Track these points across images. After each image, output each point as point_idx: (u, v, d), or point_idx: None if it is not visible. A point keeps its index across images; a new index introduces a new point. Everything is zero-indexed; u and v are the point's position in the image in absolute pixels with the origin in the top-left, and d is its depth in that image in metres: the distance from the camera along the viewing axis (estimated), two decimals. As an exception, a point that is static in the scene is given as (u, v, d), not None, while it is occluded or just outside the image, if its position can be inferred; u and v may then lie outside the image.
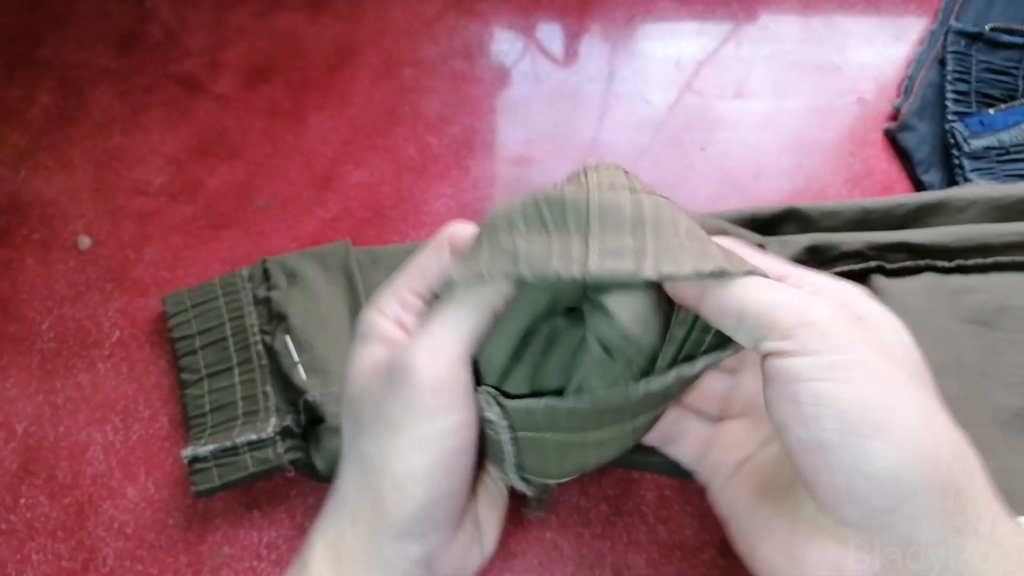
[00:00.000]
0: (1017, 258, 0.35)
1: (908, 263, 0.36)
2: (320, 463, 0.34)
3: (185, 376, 0.37)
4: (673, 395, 0.24)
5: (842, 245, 0.36)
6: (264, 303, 0.38)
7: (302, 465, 0.35)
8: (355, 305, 0.37)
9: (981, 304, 0.34)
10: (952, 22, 0.45)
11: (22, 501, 0.36)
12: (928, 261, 0.36)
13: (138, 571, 0.35)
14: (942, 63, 0.45)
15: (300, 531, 0.36)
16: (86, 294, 0.40)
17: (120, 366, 0.38)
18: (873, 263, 0.36)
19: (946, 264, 0.35)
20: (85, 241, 0.41)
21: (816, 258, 0.36)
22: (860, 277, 0.36)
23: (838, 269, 0.36)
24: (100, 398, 0.38)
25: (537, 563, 0.35)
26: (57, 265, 0.40)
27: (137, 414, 0.37)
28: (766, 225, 0.38)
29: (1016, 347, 0.34)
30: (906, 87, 0.46)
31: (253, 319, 0.37)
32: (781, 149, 0.45)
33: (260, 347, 0.37)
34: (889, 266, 0.36)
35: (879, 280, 0.36)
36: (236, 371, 0.37)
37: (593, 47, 0.48)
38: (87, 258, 0.40)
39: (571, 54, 0.48)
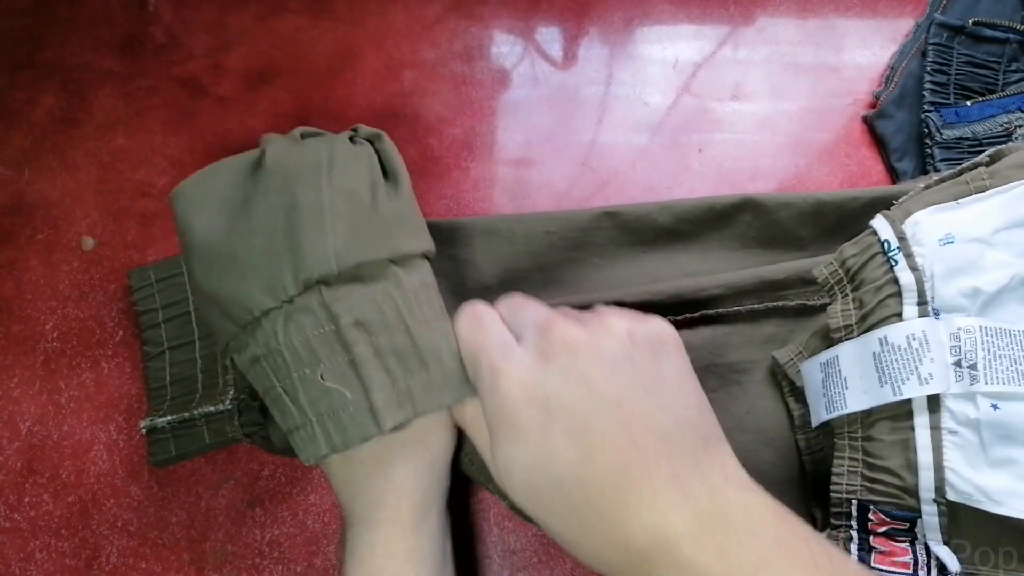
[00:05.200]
0: (720, 310, 0.36)
1: None
2: (275, 436, 0.35)
3: (147, 349, 0.38)
4: None
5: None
6: None
7: (258, 438, 0.35)
8: None
9: (692, 360, 0.35)
10: (937, 15, 0.46)
11: (26, 499, 0.36)
12: None
13: (141, 569, 0.35)
14: (924, 54, 0.45)
15: (302, 528, 0.36)
16: (90, 294, 0.40)
17: (124, 365, 0.39)
18: None
19: None
20: (89, 242, 0.41)
21: None
22: None
23: None
24: (104, 397, 0.38)
25: (536, 560, 0.36)
26: (61, 266, 0.41)
27: (140, 413, 0.38)
28: (724, 215, 0.39)
29: (716, 407, 0.35)
30: (887, 76, 0.46)
31: None
32: (778, 151, 0.45)
33: None
34: None
35: None
36: (197, 345, 0.37)
37: (592, 50, 0.48)
38: (91, 259, 0.41)
39: (570, 57, 0.48)
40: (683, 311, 0.36)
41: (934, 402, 0.27)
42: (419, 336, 0.28)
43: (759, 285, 0.36)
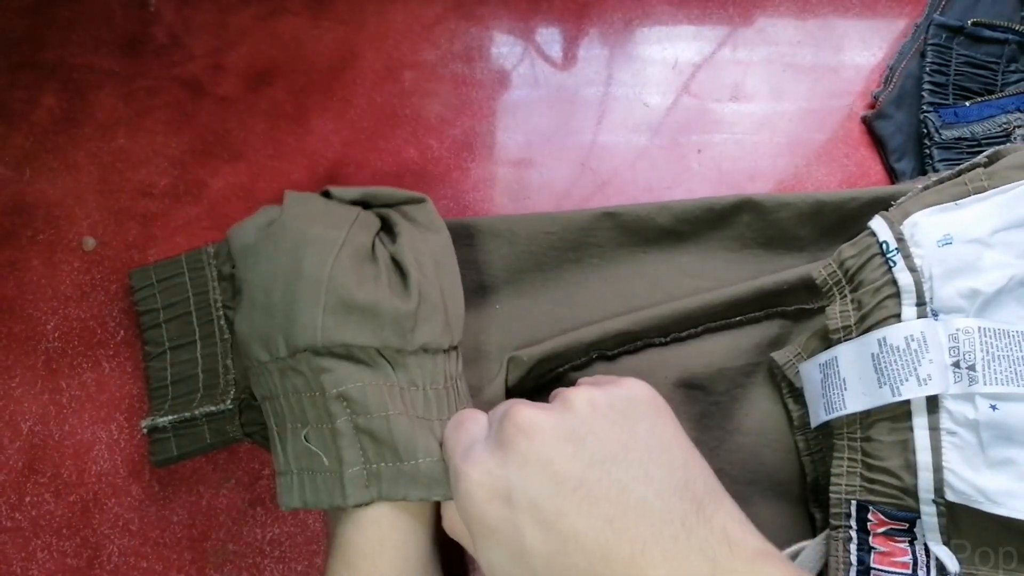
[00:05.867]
0: (722, 321, 0.37)
1: (627, 346, 0.37)
2: None
3: (148, 349, 0.38)
4: None
5: (567, 353, 0.36)
6: (228, 279, 0.38)
7: (259, 438, 0.36)
8: None
9: (702, 368, 0.36)
10: (936, 16, 0.46)
11: (27, 499, 0.36)
12: (645, 340, 0.37)
13: (142, 568, 0.35)
14: (923, 55, 0.45)
15: (303, 528, 0.36)
16: (91, 294, 0.40)
17: (125, 365, 0.39)
18: (594, 353, 0.37)
19: (663, 339, 0.37)
20: (90, 242, 0.41)
21: (549, 367, 0.36)
22: (586, 365, 0.37)
23: (562, 369, 0.37)
24: (105, 397, 0.38)
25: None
26: (62, 266, 0.41)
27: (141, 413, 0.38)
28: (723, 215, 0.39)
29: (721, 409, 0.36)
30: (886, 77, 0.46)
31: (217, 294, 0.38)
32: (777, 151, 0.45)
33: (223, 322, 0.38)
34: (610, 352, 0.37)
35: (601, 367, 0.37)
36: (198, 345, 0.38)
37: (591, 50, 0.48)
38: (92, 259, 0.41)
39: (570, 57, 0.48)
40: (687, 327, 0.37)
41: (933, 403, 0.27)
42: (396, 427, 0.28)
43: (759, 294, 0.36)
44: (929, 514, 0.27)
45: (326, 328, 0.28)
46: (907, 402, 0.27)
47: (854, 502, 0.29)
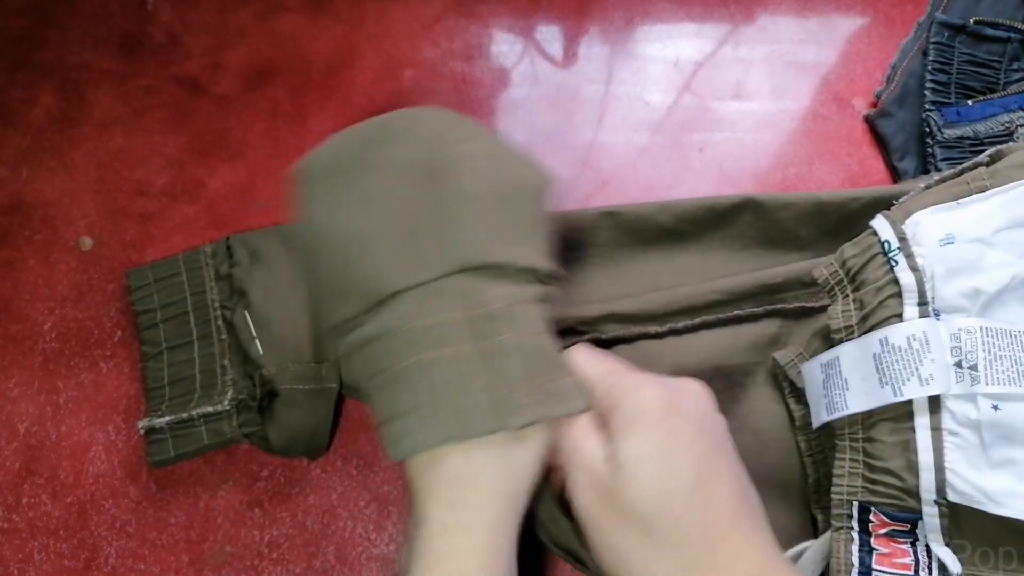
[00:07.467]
0: (720, 315, 0.36)
1: (622, 332, 0.36)
2: (274, 436, 0.35)
3: (146, 349, 0.38)
4: None
5: (557, 324, 0.36)
6: (226, 279, 0.38)
7: (257, 438, 0.35)
8: None
9: (695, 365, 0.36)
10: (938, 14, 0.45)
11: (24, 500, 0.36)
12: (641, 328, 0.36)
13: (140, 570, 0.35)
14: (925, 53, 0.45)
15: (301, 530, 0.36)
16: (88, 294, 0.40)
17: (122, 366, 0.39)
18: (587, 336, 0.36)
19: (658, 329, 0.36)
20: (87, 242, 0.41)
21: None
22: None
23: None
24: (102, 398, 0.38)
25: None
26: (59, 265, 0.40)
27: (139, 413, 0.38)
28: (724, 215, 0.39)
29: (722, 408, 0.35)
30: (888, 75, 0.46)
31: (214, 295, 0.38)
32: (778, 150, 0.45)
33: (220, 322, 0.38)
34: (604, 336, 0.36)
35: None
36: (196, 345, 0.37)
37: (592, 49, 0.48)
38: (89, 258, 0.41)
39: (570, 56, 0.48)
40: (682, 318, 0.36)
41: (935, 403, 0.27)
42: (549, 345, 0.28)
43: (758, 289, 0.36)
44: (931, 515, 0.27)
45: (489, 246, 0.28)
46: (909, 402, 0.27)
47: (856, 503, 0.29)
